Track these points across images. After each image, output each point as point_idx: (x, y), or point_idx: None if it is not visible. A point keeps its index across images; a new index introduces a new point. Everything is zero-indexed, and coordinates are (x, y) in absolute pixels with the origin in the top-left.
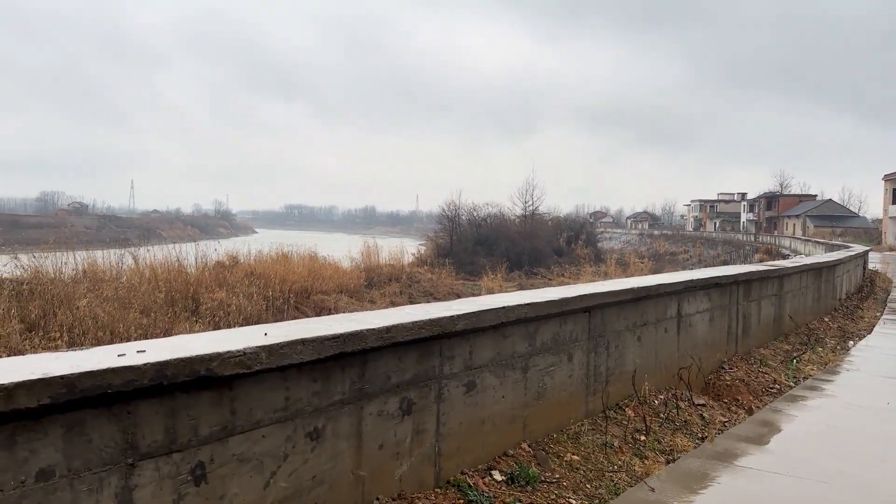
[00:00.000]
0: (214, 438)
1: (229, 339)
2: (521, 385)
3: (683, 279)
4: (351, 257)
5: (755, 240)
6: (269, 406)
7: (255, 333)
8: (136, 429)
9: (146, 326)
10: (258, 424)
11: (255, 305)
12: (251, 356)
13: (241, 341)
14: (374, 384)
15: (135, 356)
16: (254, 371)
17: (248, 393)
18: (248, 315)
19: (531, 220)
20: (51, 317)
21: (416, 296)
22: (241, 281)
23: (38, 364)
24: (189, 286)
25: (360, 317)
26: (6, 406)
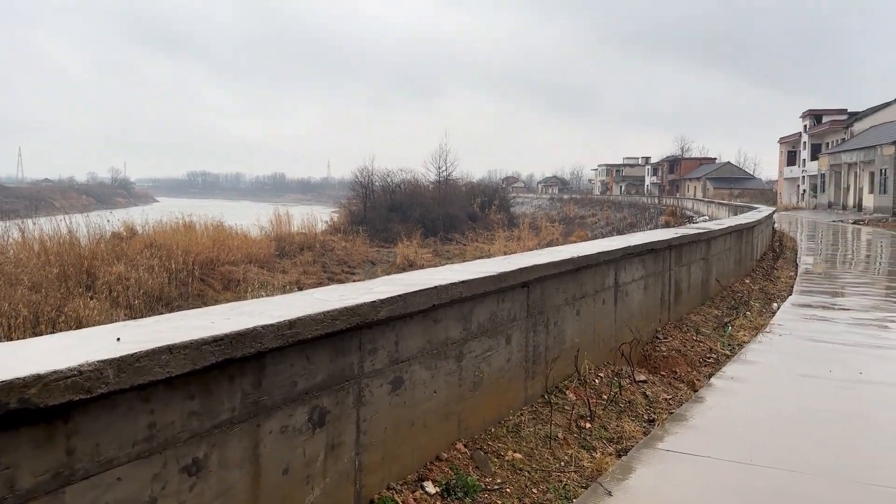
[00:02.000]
0: (43, 491)
1: (67, 347)
2: (456, 376)
3: (621, 246)
4: (260, 226)
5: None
6: (124, 439)
7: (105, 338)
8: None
9: (36, 303)
10: (110, 465)
11: (157, 279)
12: (92, 375)
13: (80, 353)
14: (275, 394)
15: None
16: (97, 395)
17: (91, 424)
18: (150, 289)
19: (445, 186)
20: None
21: (329, 265)
22: (141, 253)
23: None
24: (83, 260)
25: (254, 307)
26: None
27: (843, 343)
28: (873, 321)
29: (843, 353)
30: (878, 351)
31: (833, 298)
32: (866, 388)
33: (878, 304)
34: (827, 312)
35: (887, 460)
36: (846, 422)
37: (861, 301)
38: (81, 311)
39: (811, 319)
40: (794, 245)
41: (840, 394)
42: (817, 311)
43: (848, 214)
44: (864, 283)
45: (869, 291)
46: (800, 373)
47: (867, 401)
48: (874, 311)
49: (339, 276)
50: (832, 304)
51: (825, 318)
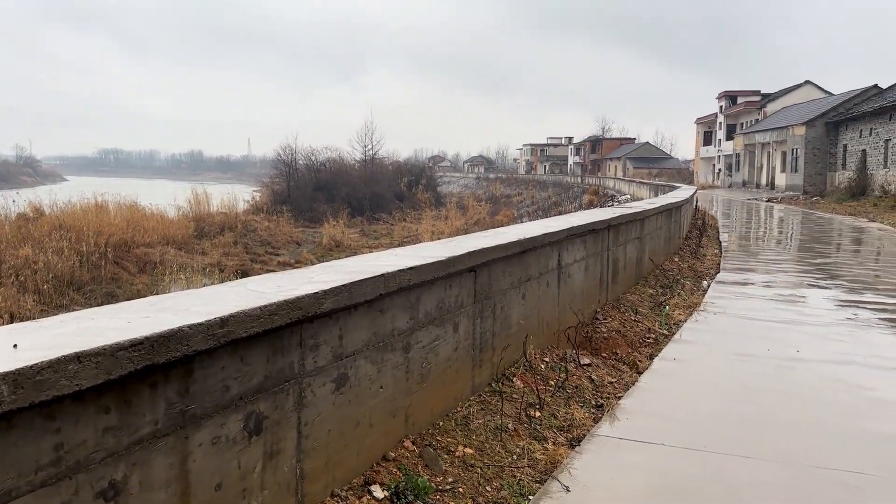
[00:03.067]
0: None
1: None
2: (403, 369)
3: (565, 226)
4: (177, 206)
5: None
6: (25, 465)
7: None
8: None
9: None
10: (8, 497)
11: (68, 262)
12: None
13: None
14: (205, 401)
15: None
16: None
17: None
18: (60, 273)
19: (371, 165)
20: None
21: (252, 245)
22: (50, 235)
23: None
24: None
25: (178, 301)
26: None
27: (775, 321)
28: (800, 298)
29: (778, 330)
30: (811, 328)
31: (758, 275)
32: (804, 367)
33: (802, 279)
34: (755, 290)
35: (837, 443)
36: (791, 402)
37: (785, 277)
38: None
39: (741, 297)
40: (716, 223)
41: (782, 374)
42: (746, 288)
43: (762, 193)
44: (784, 260)
45: (790, 268)
46: (739, 352)
47: (807, 380)
48: (800, 288)
49: (262, 258)
50: (758, 281)
51: (754, 296)
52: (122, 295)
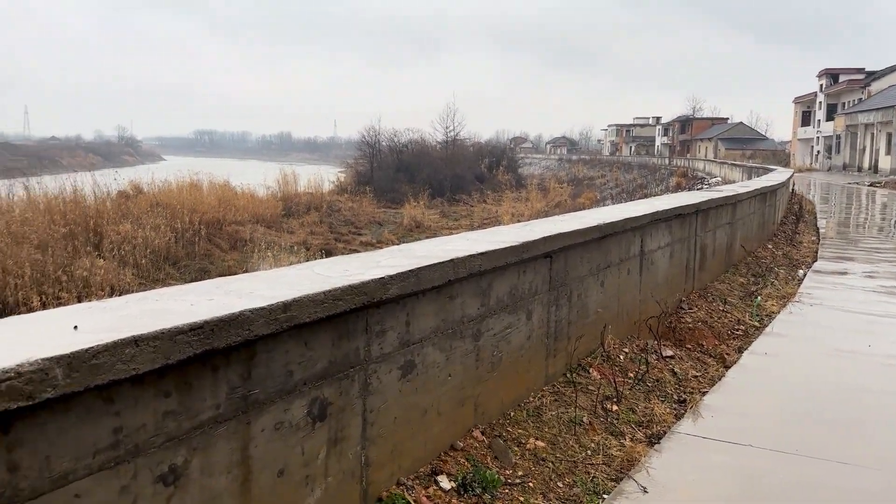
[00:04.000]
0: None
1: (8, 341)
2: (473, 357)
3: (649, 211)
4: (267, 186)
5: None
6: (84, 447)
7: (59, 326)
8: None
9: (42, 263)
10: (65, 480)
11: (163, 238)
12: (34, 377)
13: (22, 347)
14: (268, 386)
15: None
16: (44, 401)
17: (39, 433)
18: (156, 248)
19: (453, 147)
20: None
21: (336, 225)
22: (147, 212)
23: None
24: (89, 218)
25: (244, 284)
26: None
27: (878, 314)
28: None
29: (881, 325)
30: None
31: (859, 265)
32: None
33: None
34: (855, 280)
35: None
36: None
37: (889, 268)
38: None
39: (840, 288)
40: (813, 209)
41: (885, 373)
42: (845, 278)
43: (863, 176)
44: (888, 249)
45: (895, 257)
46: (837, 347)
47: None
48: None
49: (345, 237)
50: (858, 272)
51: (854, 287)
52: (214, 270)
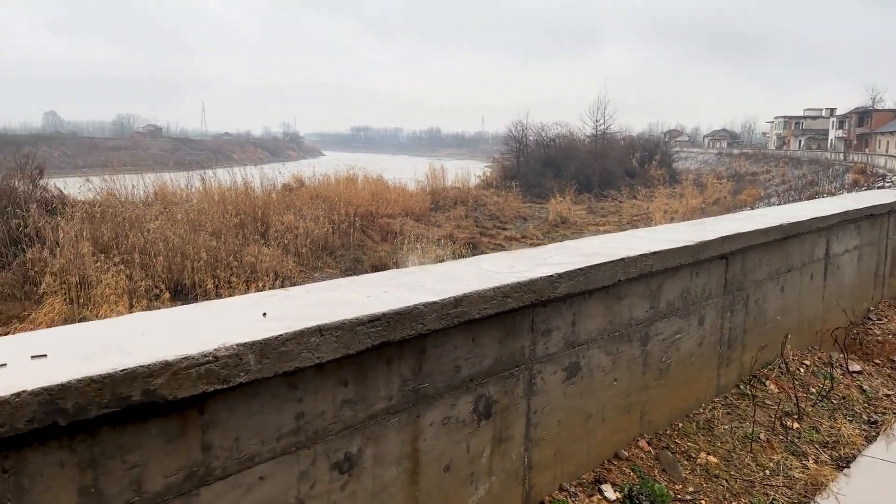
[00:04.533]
0: (174, 494)
1: (200, 325)
2: (640, 362)
3: (838, 210)
4: (416, 180)
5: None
6: (268, 431)
7: (248, 312)
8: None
9: (215, 249)
10: (251, 462)
11: (322, 228)
12: (229, 362)
13: (216, 333)
14: (437, 380)
15: (8, 381)
16: (237, 385)
17: (230, 415)
18: (315, 238)
19: (602, 140)
20: (122, 239)
21: (481, 219)
22: (308, 204)
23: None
24: (257, 209)
25: (414, 277)
26: None
27: None
28: None
29: None
30: None
31: None
32: None
33: None
34: None
35: None
36: None
37: None
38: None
39: None
40: None
41: None
42: None
43: None
44: None
45: None
46: None
47: None
48: None
49: (490, 231)
50: None
51: None
52: (367, 260)
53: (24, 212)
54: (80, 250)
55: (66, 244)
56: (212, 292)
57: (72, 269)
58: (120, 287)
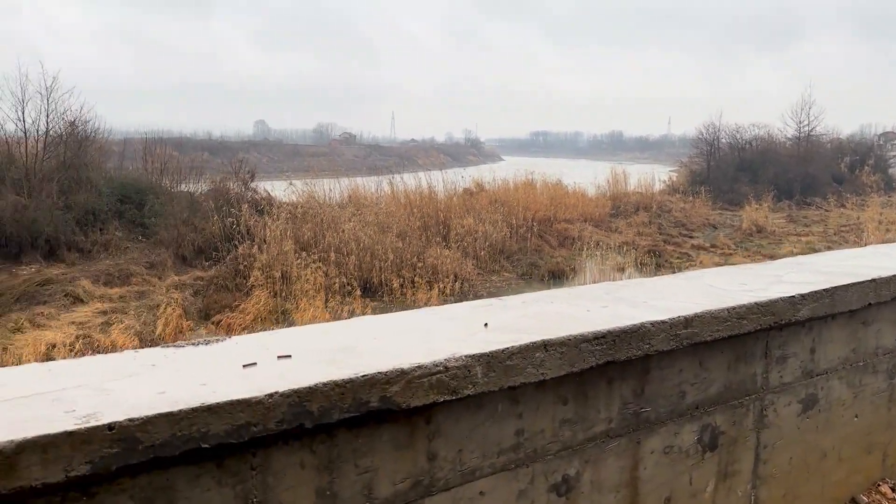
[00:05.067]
0: (401, 501)
1: (427, 332)
2: (885, 397)
3: None
4: (596, 185)
5: None
6: (489, 446)
7: (469, 321)
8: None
9: (401, 250)
10: (472, 475)
11: (500, 232)
12: (458, 373)
13: (443, 342)
14: (659, 405)
15: (261, 381)
16: (463, 396)
17: (454, 427)
18: (493, 241)
19: (805, 143)
20: (320, 238)
21: (665, 226)
22: (486, 208)
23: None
24: (439, 212)
25: (633, 292)
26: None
27: None
28: None
29: None
30: None
31: None
32: None
33: None
34: None
35: None
36: None
37: None
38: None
39: None
40: None
41: None
42: None
43: None
44: None
45: None
46: None
47: None
48: None
49: (675, 239)
50: None
51: None
52: (544, 266)
53: (237, 211)
54: (284, 248)
55: (271, 242)
56: (397, 291)
57: (276, 265)
58: (317, 283)
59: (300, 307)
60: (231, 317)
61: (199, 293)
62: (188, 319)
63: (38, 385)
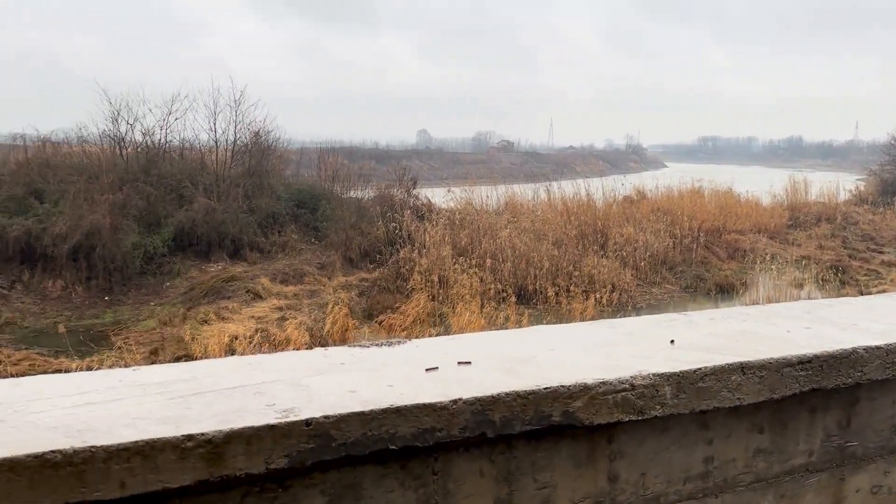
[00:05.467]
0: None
1: (607, 346)
2: None
3: None
4: (772, 193)
5: None
6: (675, 471)
7: (652, 337)
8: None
9: (557, 258)
10: (656, 501)
11: (662, 242)
12: (645, 392)
13: (627, 361)
14: (868, 439)
15: (444, 386)
16: (650, 417)
17: (637, 448)
18: (655, 252)
19: None
20: (476, 244)
21: (851, 240)
22: (648, 216)
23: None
24: (597, 220)
25: (839, 312)
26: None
27: None
28: None
29: None
30: None
31: None
32: None
33: None
34: None
35: None
36: None
37: None
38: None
39: None
40: None
41: None
42: None
43: None
44: None
45: None
46: None
47: None
48: None
49: (861, 254)
50: None
51: None
52: (710, 279)
53: (400, 216)
54: (442, 253)
55: (430, 247)
56: (552, 299)
57: (434, 269)
58: (473, 288)
59: (456, 311)
60: (392, 318)
61: (363, 294)
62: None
63: (241, 377)
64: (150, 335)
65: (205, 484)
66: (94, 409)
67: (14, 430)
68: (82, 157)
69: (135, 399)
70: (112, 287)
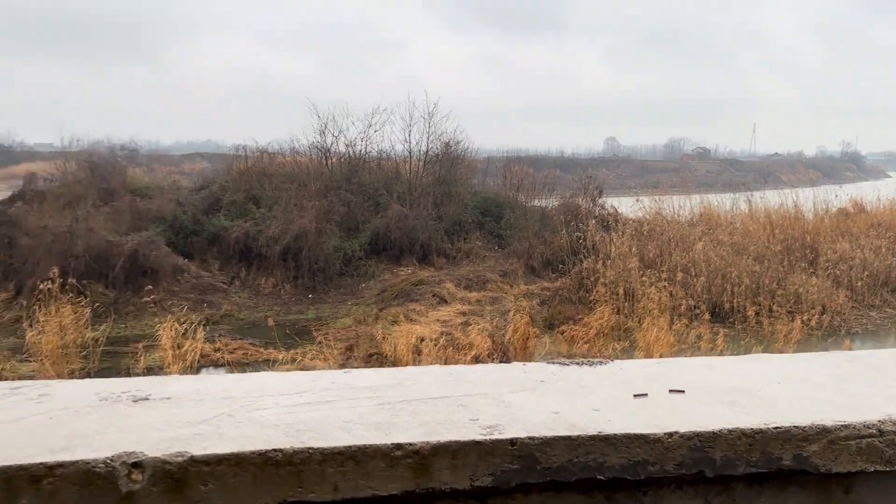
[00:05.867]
0: None
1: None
2: None
3: None
4: None
5: None
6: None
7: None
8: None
9: (758, 274)
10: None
11: (884, 261)
12: (894, 440)
13: (873, 401)
14: None
15: (656, 416)
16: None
17: (880, 501)
18: (874, 271)
19: None
20: (666, 256)
21: None
22: (866, 232)
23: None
24: (806, 234)
25: None
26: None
27: None
28: None
29: None
30: None
31: None
32: None
33: None
34: None
35: None
36: None
37: None
38: (803, 287)
39: None
40: None
41: None
42: None
43: None
44: None
45: None
46: None
47: None
48: None
49: None
50: None
51: None
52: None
53: (584, 226)
54: (628, 264)
55: (616, 258)
56: (751, 319)
57: (619, 282)
58: (662, 303)
59: (643, 326)
60: (574, 329)
61: (544, 303)
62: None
63: (443, 388)
64: (346, 332)
65: (410, 495)
66: (310, 409)
67: (241, 426)
68: (294, 166)
69: (347, 402)
70: (315, 286)
